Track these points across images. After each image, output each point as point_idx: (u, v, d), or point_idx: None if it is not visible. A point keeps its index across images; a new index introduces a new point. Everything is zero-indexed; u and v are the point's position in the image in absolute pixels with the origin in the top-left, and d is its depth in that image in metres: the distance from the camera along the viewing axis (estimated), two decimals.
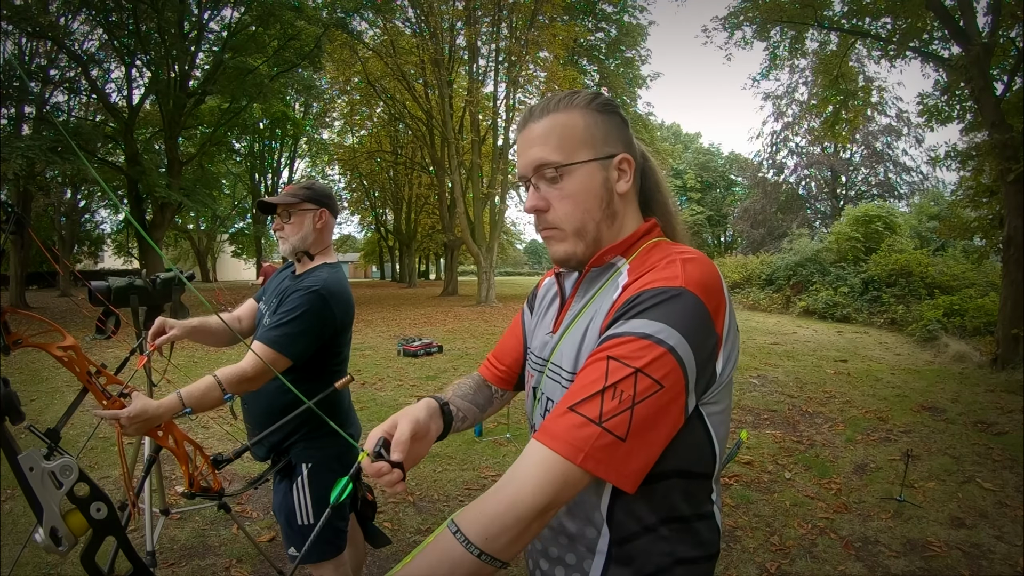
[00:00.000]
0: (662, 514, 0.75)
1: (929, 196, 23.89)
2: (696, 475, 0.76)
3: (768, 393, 5.90)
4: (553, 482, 0.61)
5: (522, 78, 17.43)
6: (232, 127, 19.90)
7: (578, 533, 0.78)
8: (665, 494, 0.75)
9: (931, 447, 4.27)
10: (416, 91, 18.20)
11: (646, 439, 0.65)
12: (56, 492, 0.85)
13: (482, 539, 0.59)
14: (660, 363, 0.64)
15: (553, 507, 0.62)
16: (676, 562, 0.76)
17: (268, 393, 1.61)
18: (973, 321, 9.45)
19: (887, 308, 11.83)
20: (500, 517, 0.60)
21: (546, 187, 0.81)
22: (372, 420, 4.66)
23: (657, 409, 0.64)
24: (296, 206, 1.66)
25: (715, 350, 0.69)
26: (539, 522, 0.62)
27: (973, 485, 3.54)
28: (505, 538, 0.60)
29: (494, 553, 0.59)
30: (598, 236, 0.81)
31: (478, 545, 0.59)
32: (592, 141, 0.79)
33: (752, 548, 2.76)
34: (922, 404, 5.52)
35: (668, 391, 0.65)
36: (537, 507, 0.61)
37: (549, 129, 0.79)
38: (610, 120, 0.81)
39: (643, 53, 22.25)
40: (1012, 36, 7.63)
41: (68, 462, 0.84)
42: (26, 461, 0.84)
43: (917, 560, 2.68)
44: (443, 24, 16.48)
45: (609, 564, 0.76)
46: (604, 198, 0.80)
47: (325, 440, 1.62)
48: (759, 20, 10.24)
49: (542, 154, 0.79)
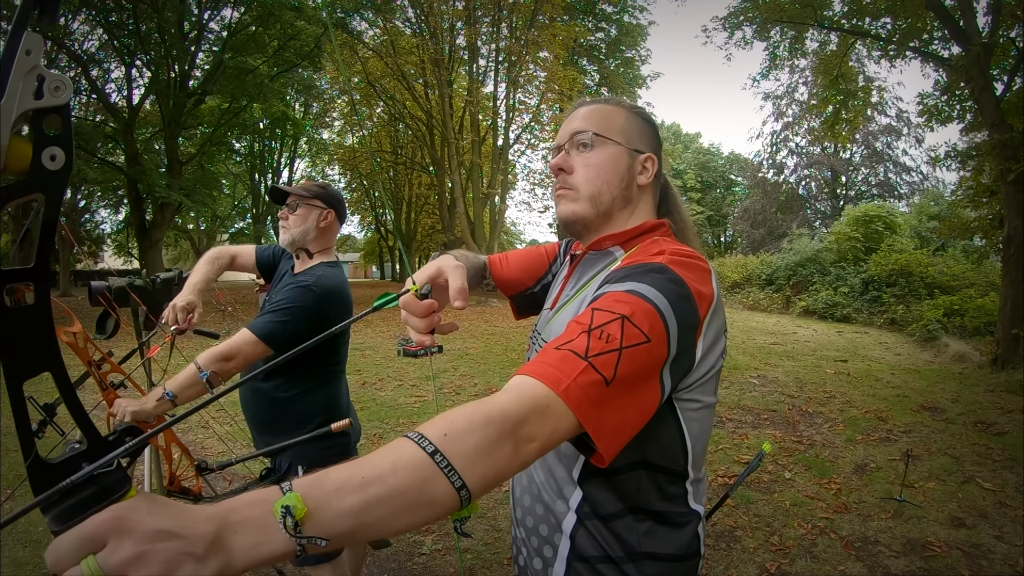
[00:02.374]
0: (632, 503, 0.77)
1: (929, 196, 23.86)
2: (666, 471, 0.77)
3: (768, 393, 5.90)
4: (530, 402, 0.57)
5: (522, 78, 17.45)
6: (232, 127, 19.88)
7: (549, 507, 0.82)
8: (636, 484, 0.76)
9: (931, 447, 4.27)
10: (416, 91, 18.20)
11: (627, 397, 0.62)
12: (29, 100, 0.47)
13: (440, 435, 0.52)
14: (646, 315, 0.65)
15: (525, 428, 0.56)
16: (645, 555, 0.77)
17: (264, 393, 1.61)
18: (973, 321, 9.45)
19: (887, 308, 11.82)
20: (466, 416, 0.54)
21: (576, 153, 0.88)
22: (372, 420, 4.66)
23: (643, 364, 0.63)
24: (306, 200, 1.67)
25: (696, 329, 0.70)
26: (509, 442, 0.54)
27: (973, 485, 3.54)
28: (468, 441, 0.52)
29: (450, 456, 0.51)
30: (610, 210, 0.87)
31: (433, 440, 0.51)
32: (628, 133, 0.88)
33: (752, 548, 2.76)
34: (922, 404, 5.52)
35: (654, 347, 0.63)
36: (508, 415, 0.55)
37: (595, 111, 0.89)
38: (646, 127, 0.91)
39: (643, 53, 22.26)
40: (1012, 36, 7.62)
41: (63, 79, 0.47)
42: None
43: (917, 560, 2.68)
44: (443, 24, 16.48)
45: (576, 538, 0.79)
46: (625, 179, 0.87)
47: (322, 442, 1.61)
48: (759, 20, 10.24)
49: (583, 125, 0.87)
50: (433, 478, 0.50)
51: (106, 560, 0.38)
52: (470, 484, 0.51)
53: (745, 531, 2.92)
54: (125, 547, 0.39)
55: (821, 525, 3.01)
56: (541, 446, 0.57)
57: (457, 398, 5.52)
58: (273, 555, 0.44)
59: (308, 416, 1.62)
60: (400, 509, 0.49)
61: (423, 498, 0.50)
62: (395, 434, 4.37)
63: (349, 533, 0.47)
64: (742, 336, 9.72)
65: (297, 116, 25.82)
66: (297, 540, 0.44)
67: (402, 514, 0.49)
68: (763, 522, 3.03)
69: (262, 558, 0.44)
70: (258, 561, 0.44)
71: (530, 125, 20.59)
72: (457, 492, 0.51)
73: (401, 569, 2.56)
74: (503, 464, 0.54)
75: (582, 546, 0.79)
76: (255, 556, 0.43)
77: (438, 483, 0.50)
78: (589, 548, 0.78)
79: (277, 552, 0.44)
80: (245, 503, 0.45)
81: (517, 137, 20.59)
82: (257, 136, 27.42)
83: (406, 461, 0.50)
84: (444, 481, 0.50)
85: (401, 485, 0.49)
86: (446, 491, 0.50)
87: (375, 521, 0.48)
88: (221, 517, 0.43)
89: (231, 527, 0.43)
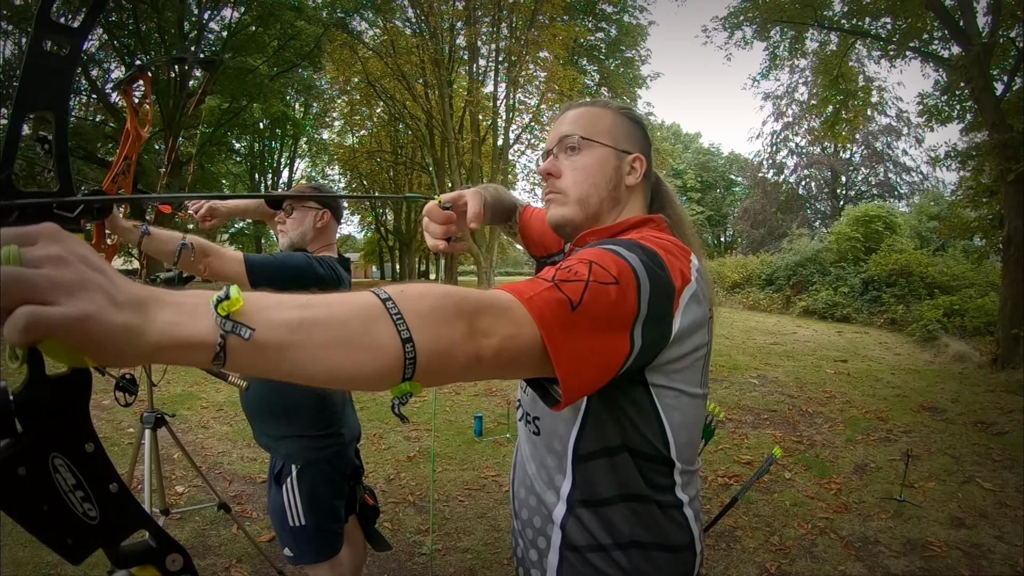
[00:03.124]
0: (618, 490, 0.78)
1: (929, 196, 23.86)
2: (649, 458, 0.78)
3: (768, 393, 5.90)
4: (492, 298, 0.57)
5: (522, 78, 17.46)
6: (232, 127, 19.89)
7: (541, 499, 0.85)
8: (621, 470, 0.77)
9: (931, 447, 4.27)
10: (416, 91, 18.20)
11: (593, 332, 0.61)
12: None
13: (397, 290, 0.51)
14: (614, 262, 0.65)
15: (484, 319, 0.54)
16: (633, 543, 0.78)
17: (263, 385, 1.60)
18: (973, 321, 9.45)
19: (887, 308, 11.82)
20: (426, 286, 0.54)
21: (563, 157, 0.90)
22: (372, 420, 4.66)
23: (610, 306, 0.62)
24: (301, 202, 1.68)
25: (672, 299, 0.70)
26: (464, 322, 0.52)
27: (973, 485, 3.54)
28: (423, 302, 0.51)
29: (402, 308, 0.49)
30: (599, 212, 0.88)
31: (389, 292, 0.50)
32: (614, 135, 0.89)
33: (752, 548, 2.76)
34: (922, 404, 5.52)
35: (622, 292, 0.63)
36: (468, 298, 0.54)
37: (582, 114, 0.91)
38: (634, 127, 0.92)
39: (643, 53, 22.25)
40: (1012, 36, 7.63)
41: None
42: None
43: (917, 560, 2.68)
44: (443, 24, 16.49)
45: (566, 528, 0.81)
46: (612, 180, 0.88)
47: (315, 441, 1.61)
48: (759, 20, 10.25)
49: (570, 129, 0.89)
50: (380, 320, 0.48)
51: (28, 252, 0.37)
52: (417, 343, 0.48)
53: (745, 531, 2.92)
54: (52, 248, 0.37)
55: (821, 525, 3.01)
56: (499, 346, 0.54)
57: (457, 398, 5.52)
58: (191, 339, 0.41)
59: (298, 416, 1.60)
60: (337, 340, 0.46)
61: (365, 339, 0.47)
62: (395, 434, 4.37)
63: (276, 347, 0.44)
64: (742, 336, 9.72)
65: (297, 116, 25.84)
66: (222, 326, 0.41)
67: (338, 347, 0.46)
68: (763, 522, 3.03)
69: (178, 339, 0.40)
70: (172, 342, 0.40)
71: (530, 125, 20.59)
72: (402, 344, 0.48)
73: (401, 569, 2.56)
74: (455, 341, 0.51)
75: (572, 536, 0.81)
76: (172, 334, 0.40)
77: (384, 326, 0.48)
78: (579, 538, 0.80)
79: (196, 336, 0.41)
80: (185, 293, 0.43)
81: (517, 137, 20.60)
82: (257, 136, 27.44)
83: (357, 299, 0.49)
84: (391, 327, 0.48)
85: (345, 314, 0.47)
86: (391, 337, 0.48)
87: (308, 343, 0.45)
88: (156, 293, 0.42)
89: (160, 301, 0.41)
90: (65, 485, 0.44)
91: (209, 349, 0.41)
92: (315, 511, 1.58)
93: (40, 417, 0.42)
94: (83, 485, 0.45)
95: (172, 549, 0.51)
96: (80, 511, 0.44)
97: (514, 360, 0.57)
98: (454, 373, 0.53)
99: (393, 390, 0.50)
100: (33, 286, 0.35)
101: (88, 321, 0.36)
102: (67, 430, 0.44)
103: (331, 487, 1.62)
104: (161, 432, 2.06)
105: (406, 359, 0.48)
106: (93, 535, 0.45)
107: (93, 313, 0.36)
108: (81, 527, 0.45)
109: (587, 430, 0.79)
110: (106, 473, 0.46)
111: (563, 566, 0.81)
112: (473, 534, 2.87)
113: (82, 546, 0.45)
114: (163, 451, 3.25)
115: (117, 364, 0.42)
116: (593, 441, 0.79)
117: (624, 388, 0.74)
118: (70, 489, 0.45)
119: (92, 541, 0.45)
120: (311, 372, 0.46)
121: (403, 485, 3.47)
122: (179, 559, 0.51)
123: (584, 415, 0.79)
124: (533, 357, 0.58)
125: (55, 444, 0.43)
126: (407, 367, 0.48)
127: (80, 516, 0.44)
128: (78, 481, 0.44)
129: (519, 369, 0.60)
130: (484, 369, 0.55)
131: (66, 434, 0.44)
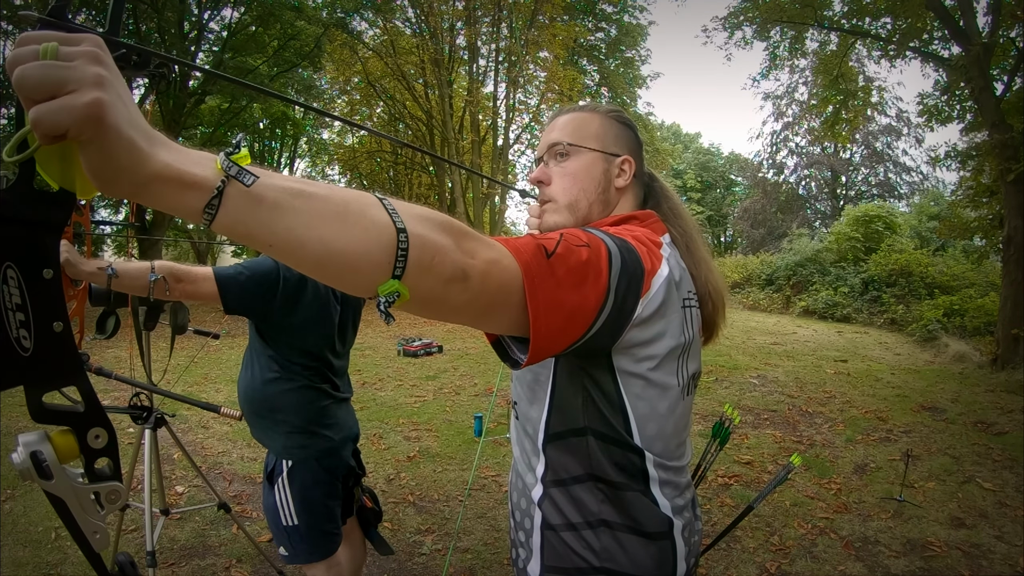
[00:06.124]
0: (587, 468, 0.80)
1: (929, 196, 23.84)
2: (614, 441, 0.79)
3: (768, 393, 5.90)
4: (477, 232, 0.58)
5: (522, 78, 17.44)
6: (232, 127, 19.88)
7: (524, 480, 0.89)
8: (587, 449, 0.79)
9: (931, 447, 4.27)
10: (416, 91, 18.20)
11: (563, 284, 0.62)
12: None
13: (390, 197, 0.53)
14: (585, 235, 0.68)
15: (468, 241, 0.55)
16: (602, 522, 0.80)
17: (253, 378, 1.59)
18: (973, 321, 9.45)
19: (887, 308, 11.82)
20: (422, 207, 0.55)
21: (553, 164, 0.92)
22: (372, 420, 4.66)
23: (581, 262, 0.64)
24: None
25: (640, 276, 0.71)
26: (450, 236, 0.54)
27: (973, 485, 3.54)
28: (414, 209, 0.53)
29: (397, 207, 0.51)
30: (588, 215, 0.90)
31: (386, 197, 0.53)
32: (603, 138, 0.91)
33: (752, 548, 2.76)
34: (922, 404, 5.52)
35: (593, 251, 0.66)
36: (455, 221, 0.56)
37: (570, 120, 0.93)
38: (623, 130, 0.93)
39: (643, 53, 22.20)
40: (1012, 36, 7.62)
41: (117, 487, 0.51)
42: None
43: (917, 560, 2.68)
44: (443, 24, 16.48)
45: (543, 507, 0.84)
46: (601, 184, 0.90)
47: (305, 438, 1.60)
48: (759, 20, 10.24)
49: (559, 136, 0.91)
50: (376, 207, 0.50)
51: (66, 49, 0.38)
52: (410, 235, 0.49)
53: (745, 531, 2.92)
54: (89, 47, 0.39)
55: (821, 525, 3.01)
56: (484, 269, 0.55)
57: (457, 398, 5.52)
58: (192, 177, 0.42)
59: (288, 413, 1.59)
60: (335, 213, 0.47)
61: (362, 218, 0.48)
62: (395, 434, 4.37)
63: (273, 204, 0.44)
64: (742, 336, 9.71)
65: (297, 116, 25.83)
66: (227, 169, 0.42)
67: (334, 219, 0.47)
68: (763, 522, 3.03)
69: (179, 173, 0.41)
70: (172, 174, 0.41)
71: (530, 125, 20.57)
72: (396, 232, 0.49)
73: (401, 569, 2.56)
74: (441, 246, 0.52)
75: (548, 515, 0.84)
76: (174, 166, 0.41)
77: (380, 212, 0.49)
78: (554, 516, 0.83)
79: (197, 176, 0.42)
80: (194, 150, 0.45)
81: (517, 137, 20.58)
82: (257, 136, 27.43)
83: (356, 192, 0.51)
84: (386, 215, 0.49)
85: (345, 196, 0.49)
86: (385, 220, 0.49)
87: (306, 209, 0.46)
88: (166, 138, 0.42)
89: (168, 144, 0.42)
90: (8, 301, 0.41)
91: (206, 193, 0.42)
92: (308, 511, 1.56)
93: (9, 220, 0.40)
94: (26, 308, 0.41)
95: (100, 423, 0.47)
96: (14, 335, 0.41)
97: (498, 291, 0.58)
98: (440, 285, 0.53)
99: (380, 288, 0.49)
100: (60, 78, 0.37)
101: (102, 109, 0.37)
102: (31, 245, 0.41)
103: (322, 487, 1.60)
104: (161, 432, 2.06)
105: (399, 248, 0.48)
106: (19, 367, 0.41)
107: (108, 104, 0.38)
108: (8, 353, 0.41)
109: (554, 412, 0.82)
110: (56, 307, 0.43)
111: (544, 545, 0.84)
112: (473, 534, 2.87)
113: (2, 375, 0.41)
114: (163, 451, 3.26)
115: (112, 187, 0.40)
116: (560, 422, 0.82)
117: (590, 371, 0.77)
118: (13, 308, 0.41)
119: (15, 374, 0.41)
120: (304, 238, 0.46)
121: (403, 485, 3.47)
122: (104, 435, 0.47)
123: (551, 397, 0.82)
124: (512, 296, 0.59)
125: (12, 252, 0.41)
126: (399, 258, 0.48)
127: (12, 340, 0.41)
128: (23, 302, 0.41)
129: (498, 310, 0.60)
130: (470, 291, 0.55)
131: (28, 249, 0.41)
